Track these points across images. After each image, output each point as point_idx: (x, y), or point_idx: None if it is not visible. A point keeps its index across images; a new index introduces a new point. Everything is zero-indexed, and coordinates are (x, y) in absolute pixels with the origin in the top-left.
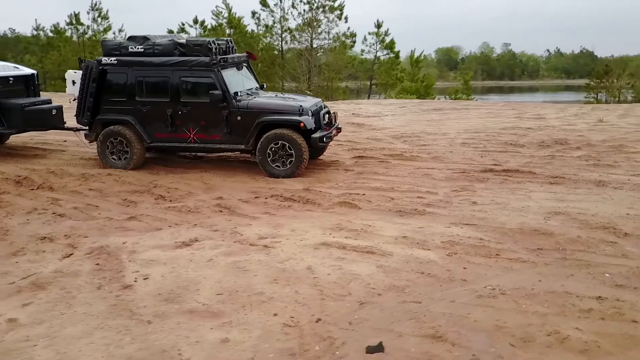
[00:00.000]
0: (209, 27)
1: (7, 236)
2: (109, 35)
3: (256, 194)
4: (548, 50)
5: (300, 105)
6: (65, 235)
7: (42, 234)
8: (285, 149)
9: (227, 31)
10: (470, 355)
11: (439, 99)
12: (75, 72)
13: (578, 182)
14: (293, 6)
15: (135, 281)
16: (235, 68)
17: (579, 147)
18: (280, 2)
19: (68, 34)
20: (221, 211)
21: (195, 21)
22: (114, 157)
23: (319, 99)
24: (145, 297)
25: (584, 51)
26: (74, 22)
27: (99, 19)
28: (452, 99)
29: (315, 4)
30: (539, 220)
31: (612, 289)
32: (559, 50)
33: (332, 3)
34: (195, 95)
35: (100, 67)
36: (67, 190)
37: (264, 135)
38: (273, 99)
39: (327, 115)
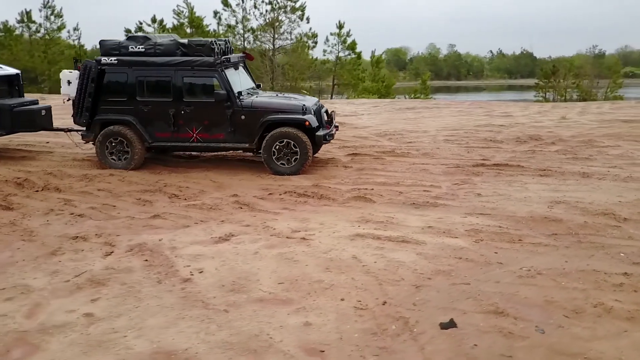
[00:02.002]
0: (167, 26)
1: (34, 237)
2: (63, 34)
3: (268, 191)
4: (491, 51)
5: (304, 104)
6: (96, 235)
7: (72, 234)
8: (290, 147)
9: (188, 30)
10: (534, 326)
11: (398, 99)
12: (70, 72)
13: (565, 174)
14: (255, 6)
15: (191, 275)
16: (233, 68)
17: (553, 143)
18: (242, 2)
19: (18, 32)
20: (241, 208)
21: (154, 20)
22: (113, 157)
23: (317, 99)
24: (210, 288)
25: (524, 52)
26: (25, 20)
27: (52, 17)
28: (411, 99)
29: (277, 4)
30: (544, 209)
31: (632, 266)
32: (501, 51)
33: (294, 4)
34: (199, 95)
35: (100, 67)
36: (75, 191)
37: (269, 134)
38: (275, 98)
39: (326, 114)
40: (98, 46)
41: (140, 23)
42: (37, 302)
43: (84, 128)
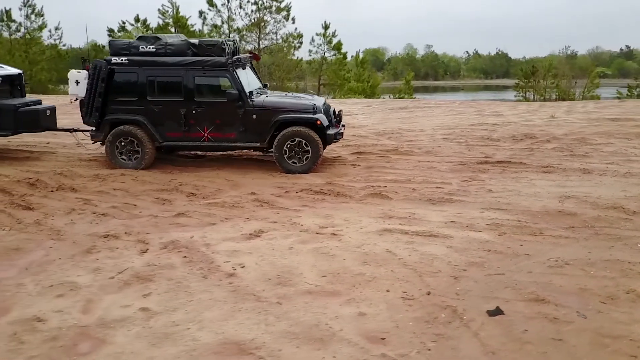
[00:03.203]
0: (151, 25)
1: (63, 236)
2: (44, 34)
3: (283, 189)
4: (467, 52)
5: (314, 104)
6: (125, 233)
7: (101, 233)
8: (302, 146)
9: (173, 30)
10: (575, 312)
11: (384, 98)
12: (78, 72)
13: (567, 171)
14: (240, 6)
15: (234, 270)
16: (242, 68)
17: (548, 140)
18: (228, 2)
19: None
20: (262, 205)
21: (137, 19)
22: (123, 157)
23: (324, 98)
24: (256, 282)
25: (500, 53)
26: (4, 19)
27: (33, 16)
28: (396, 98)
29: (263, 5)
30: (556, 203)
31: None
32: (476, 51)
33: (279, 4)
34: (210, 95)
35: (110, 67)
36: (91, 190)
37: (281, 133)
38: (286, 98)
39: (334, 113)
40: (80, 45)
41: (123, 22)
42: (88, 298)
43: (91, 128)
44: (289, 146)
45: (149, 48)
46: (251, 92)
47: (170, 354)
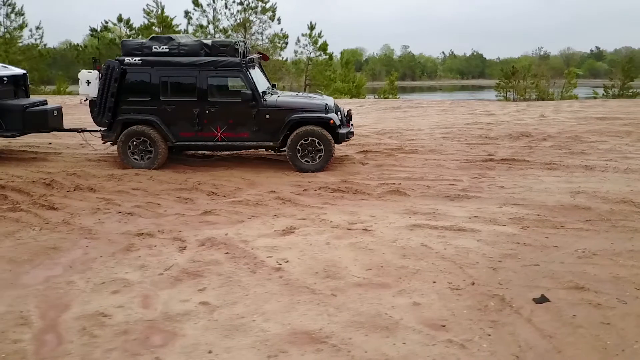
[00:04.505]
0: (135, 25)
1: (96, 235)
2: (25, 33)
3: (301, 187)
4: (443, 52)
5: (326, 104)
6: (158, 231)
7: (134, 231)
8: (315, 145)
9: (158, 30)
10: (615, 298)
11: (368, 98)
12: (89, 72)
13: (570, 168)
14: (226, 6)
15: (279, 264)
16: (252, 68)
17: (545, 139)
18: (213, 2)
19: None
20: (284, 203)
21: (120, 19)
22: (135, 157)
23: (332, 98)
24: (305, 276)
25: (475, 54)
26: None
27: (13, 15)
28: (380, 98)
29: (249, 5)
30: (568, 198)
31: None
32: (452, 52)
33: (264, 4)
34: (224, 95)
35: (122, 67)
36: (110, 190)
37: (294, 132)
38: (297, 97)
39: (342, 113)
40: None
41: (106, 22)
42: (144, 294)
43: (99, 128)
44: (302, 145)
45: (162, 48)
46: (264, 92)
47: (246, 344)
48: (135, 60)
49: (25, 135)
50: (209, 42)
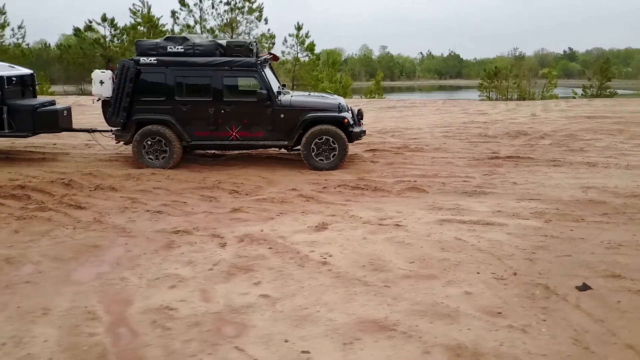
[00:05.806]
0: (119, 24)
1: (131, 233)
2: (7, 32)
3: (319, 184)
4: (421, 53)
5: (339, 103)
6: (194, 228)
7: (169, 229)
8: (329, 144)
9: (142, 29)
10: None
11: (354, 98)
12: (102, 72)
13: (573, 164)
14: (212, 6)
15: (324, 259)
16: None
17: (542, 137)
18: (200, 2)
19: None
20: (308, 200)
21: (104, 19)
22: (150, 156)
23: (342, 97)
24: (352, 269)
25: (452, 54)
26: None
27: None
28: (367, 98)
29: (235, 5)
30: (581, 193)
31: None
32: (430, 52)
33: (251, 5)
34: (239, 95)
35: (137, 67)
36: (132, 190)
37: (309, 131)
38: (310, 97)
39: (354, 112)
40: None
41: (90, 22)
42: (201, 288)
43: (112, 128)
44: (316, 144)
45: (177, 48)
46: (278, 92)
47: (319, 333)
48: (150, 60)
49: (36, 135)
50: (223, 42)
